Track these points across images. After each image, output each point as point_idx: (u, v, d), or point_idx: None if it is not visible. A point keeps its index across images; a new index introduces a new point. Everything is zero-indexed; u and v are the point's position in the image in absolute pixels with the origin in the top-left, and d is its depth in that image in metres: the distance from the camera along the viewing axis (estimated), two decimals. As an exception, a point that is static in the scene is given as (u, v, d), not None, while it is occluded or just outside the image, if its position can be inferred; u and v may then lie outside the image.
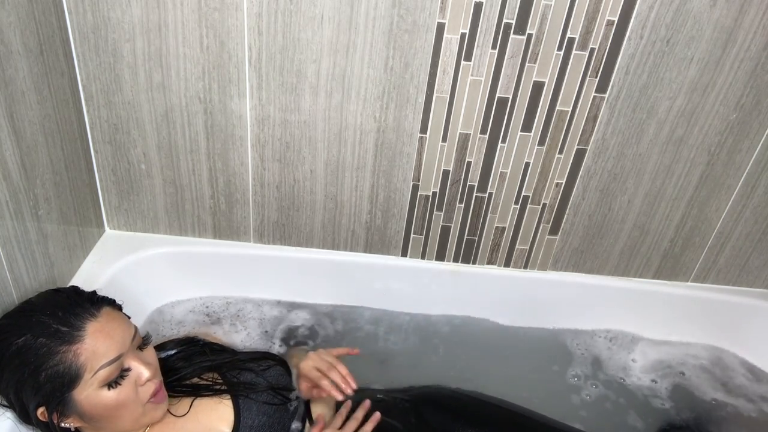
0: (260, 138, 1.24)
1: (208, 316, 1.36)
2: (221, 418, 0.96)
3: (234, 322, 1.35)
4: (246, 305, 1.40)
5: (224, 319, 1.36)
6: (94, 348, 0.82)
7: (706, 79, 1.17)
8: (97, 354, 0.82)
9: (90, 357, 0.82)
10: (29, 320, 0.85)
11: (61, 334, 0.82)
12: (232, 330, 1.33)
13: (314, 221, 1.36)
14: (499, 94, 1.19)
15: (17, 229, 1.00)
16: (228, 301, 1.41)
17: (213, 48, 1.13)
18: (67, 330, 0.82)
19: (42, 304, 0.88)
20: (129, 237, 1.36)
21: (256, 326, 1.36)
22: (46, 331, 0.82)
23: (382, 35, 1.12)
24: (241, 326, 1.35)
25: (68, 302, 0.87)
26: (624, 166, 1.28)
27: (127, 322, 0.90)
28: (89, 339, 0.83)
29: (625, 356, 1.42)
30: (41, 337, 0.82)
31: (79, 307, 0.86)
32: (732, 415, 1.34)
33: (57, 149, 1.12)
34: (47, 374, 0.81)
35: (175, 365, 1.03)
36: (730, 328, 1.47)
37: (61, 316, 0.84)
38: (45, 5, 1.03)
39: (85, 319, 0.84)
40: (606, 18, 1.10)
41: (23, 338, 0.82)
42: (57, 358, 0.81)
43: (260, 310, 1.40)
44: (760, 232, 1.39)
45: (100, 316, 0.86)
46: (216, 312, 1.38)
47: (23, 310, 0.88)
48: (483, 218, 1.36)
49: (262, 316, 1.39)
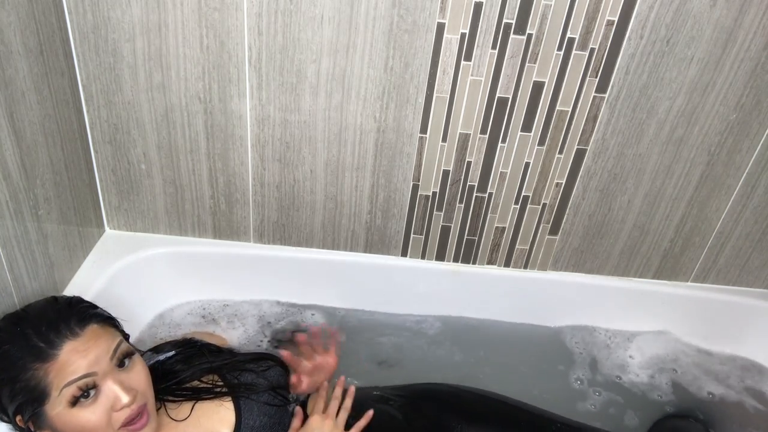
0: (260, 138, 1.24)
1: (207, 316, 1.36)
2: (222, 420, 0.96)
3: (233, 321, 1.35)
4: (245, 305, 1.40)
5: (224, 319, 1.36)
6: (64, 366, 0.80)
7: (706, 79, 1.17)
8: (65, 372, 0.80)
9: (57, 375, 0.80)
10: (15, 329, 0.84)
11: (37, 350, 0.81)
12: (231, 329, 1.33)
13: (314, 221, 1.36)
14: (499, 94, 1.19)
15: (17, 229, 1.00)
16: (227, 301, 1.41)
17: (213, 48, 1.13)
18: (44, 346, 0.81)
19: (33, 315, 0.86)
20: (129, 237, 1.36)
21: (256, 326, 1.36)
22: (26, 345, 0.81)
23: (382, 35, 1.12)
24: (240, 326, 1.35)
25: (56, 317, 0.84)
26: (624, 166, 1.28)
27: (111, 341, 0.85)
28: (63, 357, 0.81)
29: (624, 355, 1.42)
30: (20, 351, 0.81)
31: (63, 324, 0.83)
32: (731, 411, 1.34)
33: (57, 149, 1.12)
34: (20, 386, 0.80)
35: (173, 368, 1.01)
36: (730, 328, 1.47)
37: (44, 332, 0.82)
38: (45, 5, 1.03)
39: (64, 337, 0.82)
40: (606, 18, 1.10)
41: (7, 346, 0.82)
42: (30, 374, 0.80)
43: (260, 309, 1.40)
44: (760, 232, 1.39)
45: (82, 335, 0.83)
46: (215, 312, 1.38)
47: (16, 317, 0.87)
48: (483, 218, 1.36)
49: (261, 316, 1.39)
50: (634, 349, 1.45)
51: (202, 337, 1.16)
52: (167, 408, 0.96)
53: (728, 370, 1.43)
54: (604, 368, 1.39)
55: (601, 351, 1.43)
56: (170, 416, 0.94)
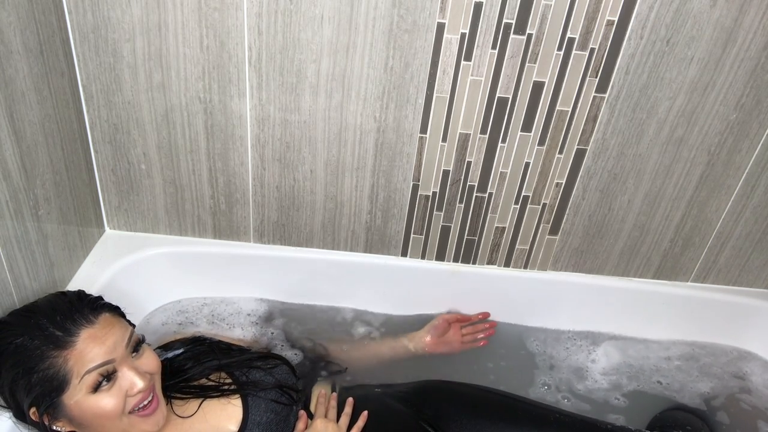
0: (260, 138, 1.24)
1: (209, 316, 1.36)
2: (230, 416, 0.97)
3: (233, 321, 1.36)
4: (245, 305, 1.40)
5: (224, 319, 1.36)
6: (83, 354, 0.82)
7: (706, 79, 1.17)
8: (84, 359, 0.82)
9: (77, 362, 0.82)
10: (28, 321, 0.85)
11: (54, 338, 0.82)
12: (231, 329, 1.33)
13: (314, 221, 1.36)
14: (499, 94, 1.19)
15: (17, 229, 1.00)
16: (227, 300, 1.41)
17: (213, 48, 1.13)
18: (60, 335, 0.83)
19: (44, 307, 0.88)
20: (129, 237, 1.36)
21: (255, 326, 1.36)
22: (42, 335, 0.83)
23: (382, 35, 1.12)
24: (240, 326, 1.35)
25: (68, 307, 0.87)
26: (624, 166, 1.28)
27: (124, 329, 0.89)
28: (81, 345, 0.83)
29: (624, 355, 1.43)
30: (36, 340, 0.82)
31: (78, 313, 0.86)
32: (731, 408, 1.34)
33: (57, 149, 1.12)
34: (38, 377, 0.81)
35: (182, 366, 1.03)
36: (731, 328, 1.47)
37: (59, 321, 0.84)
38: (45, 5, 1.03)
39: (80, 324, 0.84)
40: (606, 18, 1.10)
41: (21, 339, 0.83)
42: (48, 362, 0.81)
43: (260, 309, 1.40)
44: (760, 232, 1.39)
45: (97, 322, 0.86)
46: (216, 311, 1.38)
47: (26, 311, 0.89)
48: (483, 218, 1.36)
49: (261, 316, 1.39)
50: (634, 349, 1.45)
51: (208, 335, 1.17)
52: (174, 405, 0.96)
53: (728, 369, 1.44)
54: (604, 368, 1.39)
55: (602, 350, 1.43)
56: (177, 413, 0.95)
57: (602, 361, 1.41)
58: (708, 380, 1.40)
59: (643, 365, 1.42)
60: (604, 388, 1.35)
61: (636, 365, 1.41)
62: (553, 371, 1.38)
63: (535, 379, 1.36)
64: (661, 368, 1.41)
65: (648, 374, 1.40)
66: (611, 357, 1.42)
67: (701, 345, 1.48)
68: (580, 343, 1.45)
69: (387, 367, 1.33)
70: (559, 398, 1.32)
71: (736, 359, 1.46)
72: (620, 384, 1.36)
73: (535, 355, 1.42)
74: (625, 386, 1.36)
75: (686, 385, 1.38)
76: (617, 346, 1.45)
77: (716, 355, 1.47)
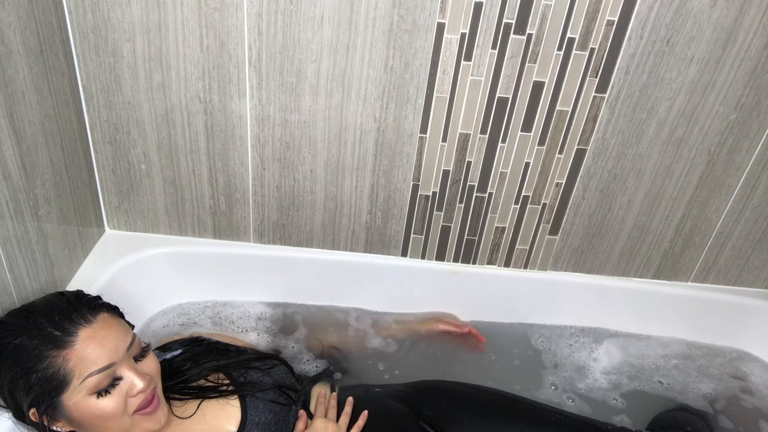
0: (260, 138, 1.24)
1: (209, 316, 1.36)
2: (229, 417, 0.97)
3: (233, 322, 1.36)
4: (245, 305, 1.40)
5: (223, 319, 1.36)
6: (83, 354, 0.82)
7: (706, 79, 1.17)
8: (86, 361, 0.82)
9: (78, 363, 0.82)
10: (27, 321, 0.85)
11: (53, 338, 0.82)
12: (230, 329, 1.33)
13: (314, 221, 1.36)
14: (499, 94, 1.19)
15: (17, 229, 1.00)
16: (227, 300, 1.41)
17: (213, 48, 1.13)
18: (59, 334, 0.82)
19: (42, 307, 0.88)
20: (129, 237, 1.36)
21: (255, 326, 1.36)
22: (40, 334, 0.83)
23: (382, 35, 1.12)
24: (240, 326, 1.35)
25: (67, 306, 0.86)
26: (624, 166, 1.28)
27: (124, 330, 0.89)
28: (80, 345, 0.82)
29: (623, 354, 1.42)
30: (34, 340, 0.82)
31: (76, 312, 0.85)
32: (731, 408, 1.34)
33: (57, 149, 1.12)
34: (37, 377, 0.81)
35: (180, 367, 1.03)
36: (730, 328, 1.47)
37: (57, 320, 0.84)
38: (45, 5, 1.03)
39: (79, 324, 0.84)
40: (606, 18, 1.10)
41: (19, 339, 0.83)
42: (47, 362, 0.81)
43: (259, 309, 1.40)
44: (760, 232, 1.39)
45: (95, 322, 0.86)
46: (216, 311, 1.38)
47: (25, 310, 0.89)
48: (483, 218, 1.36)
49: (261, 316, 1.39)
50: (633, 348, 1.45)
51: (207, 335, 1.17)
52: (173, 406, 0.96)
53: (728, 370, 1.44)
54: (603, 368, 1.39)
55: (602, 350, 1.43)
56: (176, 414, 0.95)
57: (603, 360, 1.41)
58: (708, 381, 1.40)
59: (643, 365, 1.42)
60: (604, 388, 1.35)
61: (637, 365, 1.41)
62: (552, 370, 1.38)
63: (535, 378, 1.36)
64: (661, 368, 1.41)
65: (648, 374, 1.40)
66: (612, 356, 1.42)
67: (701, 345, 1.48)
68: (582, 340, 1.45)
69: (388, 369, 1.33)
70: (564, 399, 1.32)
71: (736, 359, 1.47)
72: (620, 384, 1.36)
73: (535, 354, 1.42)
74: (625, 386, 1.36)
75: (687, 386, 1.38)
76: (618, 344, 1.45)
77: (716, 355, 1.47)
